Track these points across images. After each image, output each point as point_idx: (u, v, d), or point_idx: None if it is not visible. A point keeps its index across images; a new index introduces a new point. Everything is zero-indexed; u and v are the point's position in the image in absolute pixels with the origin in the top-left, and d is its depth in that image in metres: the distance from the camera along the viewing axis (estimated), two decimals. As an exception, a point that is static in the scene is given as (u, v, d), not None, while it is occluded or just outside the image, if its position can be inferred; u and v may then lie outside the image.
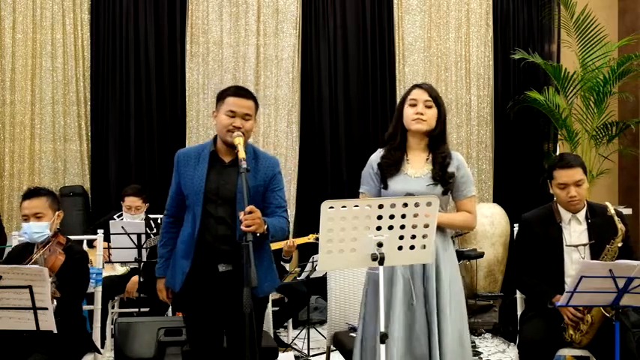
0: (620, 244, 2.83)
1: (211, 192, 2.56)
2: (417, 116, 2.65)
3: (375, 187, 2.72)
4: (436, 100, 2.72)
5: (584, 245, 2.96)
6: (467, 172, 2.72)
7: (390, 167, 2.67)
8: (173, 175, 2.74)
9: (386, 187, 2.67)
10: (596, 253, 2.91)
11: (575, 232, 3.01)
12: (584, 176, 2.99)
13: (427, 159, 2.69)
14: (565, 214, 3.03)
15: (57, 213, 3.00)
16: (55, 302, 2.78)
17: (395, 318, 2.55)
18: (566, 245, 2.98)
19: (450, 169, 2.66)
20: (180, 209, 2.70)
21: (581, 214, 3.02)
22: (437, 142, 2.70)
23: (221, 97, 2.65)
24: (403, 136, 2.70)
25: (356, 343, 2.75)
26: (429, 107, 2.68)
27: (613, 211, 2.84)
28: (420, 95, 2.70)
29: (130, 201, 4.64)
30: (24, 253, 3.00)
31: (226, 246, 2.53)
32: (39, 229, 2.91)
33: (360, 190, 2.79)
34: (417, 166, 2.69)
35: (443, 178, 2.64)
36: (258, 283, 2.44)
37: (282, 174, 2.74)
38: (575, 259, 2.94)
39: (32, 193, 3.00)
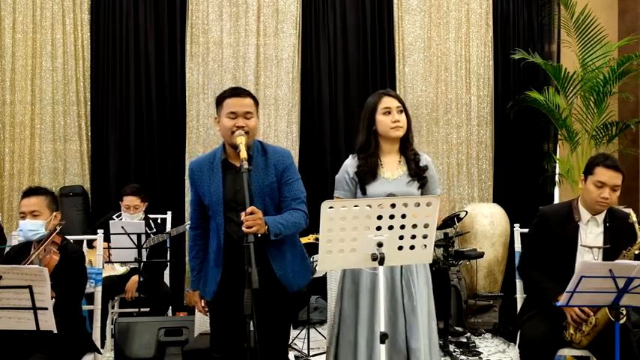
0: (637, 252, 2.83)
1: (230, 199, 2.57)
2: (396, 124, 2.78)
3: (351, 192, 2.82)
4: (404, 105, 2.85)
5: (599, 248, 2.95)
6: (434, 172, 2.89)
7: (367, 174, 2.78)
8: (190, 188, 2.76)
9: (364, 192, 2.77)
10: (609, 257, 2.88)
11: (591, 233, 2.99)
12: (620, 184, 2.98)
13: (399, 161, 2.83)
14: (584, 214, 3.01)
15: (54, 213, 2.99)
16: (52, 303, 2.78)
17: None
18: (581, 245, 2.97)
19: (421, 163, 2.83)
20: (204, 220, 2.72)
21: (600, 217, 3.00)
22: (407, 144, 2.86)
23: (219, 101, 2.65)
24: (376, 143, 2.83)
25: (331, 339, 2.84)
26: (401, 112, 2.81)
27: (635, 219, 2.84)
28: (391, 103, 2.81)
29: (129, 200, 4.64)
30: (22, 253, 3.00)
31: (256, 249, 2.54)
32: (34, 227, 2.92)
33: (336, 195, 2.86)
34: (392, 168, 2.81)
35: (418, 173, 2.79)
36: (291, 278, 2.58)
37: (294, 165, 2.75)
38: (588, 261, 2.92)
39: (31, 192, 3.00)
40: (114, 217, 4.70)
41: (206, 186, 2.62)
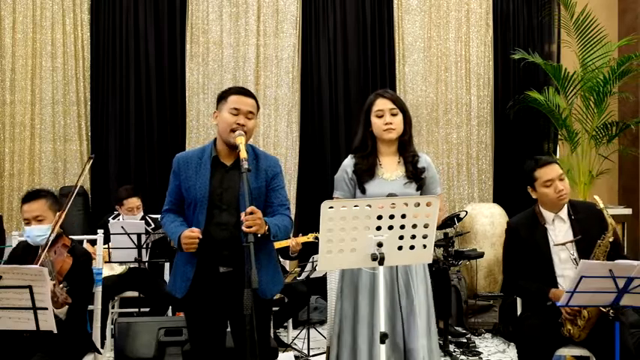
0: (611, 239, 2.85)
1: (216, 198, 2.54)
2: (387, 126, 2.78)
3: (350, 192, 2.84)
4: (400, 106, 2.83)
5: (571, 242, 2.98)
6: (434, 172, 2.89)
7: (365, 173, 2.80)
8: (171, 180, 2.68)
9: (363, 191, 2.78)
10: (583, 248, 2.93)
11: (560, 231, 3.03)
12: (562, 171, 3.05)
13: (399, 162, 2.84)
14: (548, 215, 3.06)
15: (57, 214, 2.98)
16: (66, 308, 2.78)
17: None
18: (553, 245, 3.00)
19: (420, 165, 2.83)
20: (182, 210, 2.67)
21: (564, 213, 3.05)
22: (405, 145, 2.86)
23: (223, 96, 2.63)
24: (373, 143, 2.84)
25: (332, 339, 2.84)
26: (395, 115, 2.80)
27: (602, 205, 2.85)
28: (384, 105, 2.81)
29: (132, 202, 4.63)
30: (28, 252, 2.99)
31: (228, 251, 2.51)
32: (40, 232, 2.91)
33: (335, 195, 2.87)
34: (391, 169, 2.82)
35: (416, 174, 2.80)
36: (265, 286, 2.50)
37: (282, 173, 2.74)
38: (564, 258, 2.98)
39: (32, 196, 2.97)
40: (110, 218, 4.71)
41: (192, 181, 2.58)
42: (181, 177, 2.63)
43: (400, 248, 2.22)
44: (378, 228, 2.17)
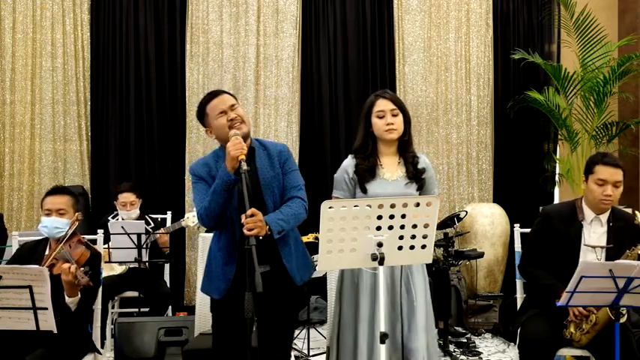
0: None
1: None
2: (389, 127, 2.80)
3: (350, 192, 2.86)
4: (400, 106, 2.85)
5: (602, 248, 2.96)
6: (432, 172, 2.92)
7: (366, 173, 2.82)
8: (198, 187, 2.60)
9: (365, 191, 2.81)
10: (612, 257, 2.89)
11: (595, 233, 3.01)
12: (622, 179, 2.98)
13: (399, 162, 2.87)
14: (588, 214, 3.03)
15: (76, 214, 3.07)
16: (78, 298, 2.83)
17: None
18: (584, 244, 2.98)
19: (420, 166, 2.86)
20: None
21: (604, 216, 3.02)
22: (406, 145, 2.88)
23: (201, 111, 2.65)
24: (374, 144, 2.87)
25: (332, 339, 2.84)
26: (396, 115, 2.82)
27: None
28: (385, 105, 2.83)
29: (125, 197, 4.66)
30: (35, 251, 3.06)
31: (263, 247, 2.49)
32: (60, 225, 2.99)
33: (334, 195, 2.89)
34: (391, 169, 2.84)
35: (416, 175, 2.83)
36: (296, 272, 2.57)
37: (293, 157, 2.77)
38: (590, 260, 2.93)
39: (59, 190, 3.11)
40: (109, 218, 4.72)
41: None
42: (209, 177, 2.59)
43: (400, 248, 2.23)
44: (378, 228, 2.17)
